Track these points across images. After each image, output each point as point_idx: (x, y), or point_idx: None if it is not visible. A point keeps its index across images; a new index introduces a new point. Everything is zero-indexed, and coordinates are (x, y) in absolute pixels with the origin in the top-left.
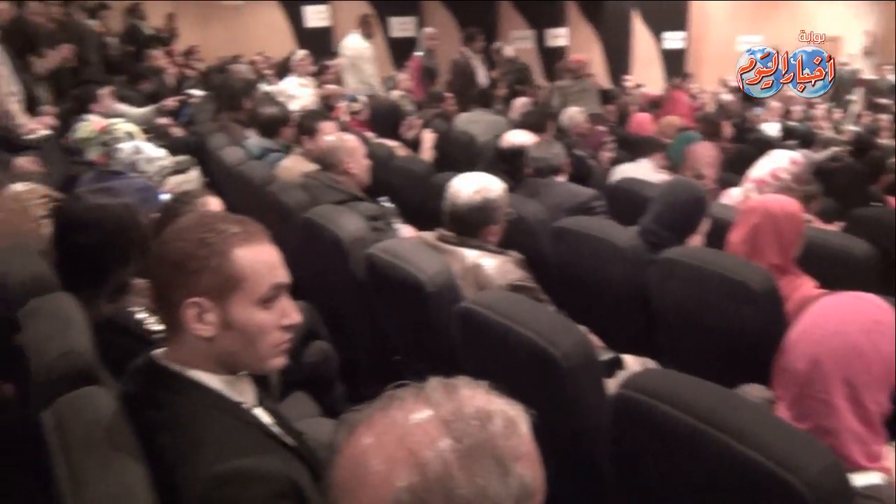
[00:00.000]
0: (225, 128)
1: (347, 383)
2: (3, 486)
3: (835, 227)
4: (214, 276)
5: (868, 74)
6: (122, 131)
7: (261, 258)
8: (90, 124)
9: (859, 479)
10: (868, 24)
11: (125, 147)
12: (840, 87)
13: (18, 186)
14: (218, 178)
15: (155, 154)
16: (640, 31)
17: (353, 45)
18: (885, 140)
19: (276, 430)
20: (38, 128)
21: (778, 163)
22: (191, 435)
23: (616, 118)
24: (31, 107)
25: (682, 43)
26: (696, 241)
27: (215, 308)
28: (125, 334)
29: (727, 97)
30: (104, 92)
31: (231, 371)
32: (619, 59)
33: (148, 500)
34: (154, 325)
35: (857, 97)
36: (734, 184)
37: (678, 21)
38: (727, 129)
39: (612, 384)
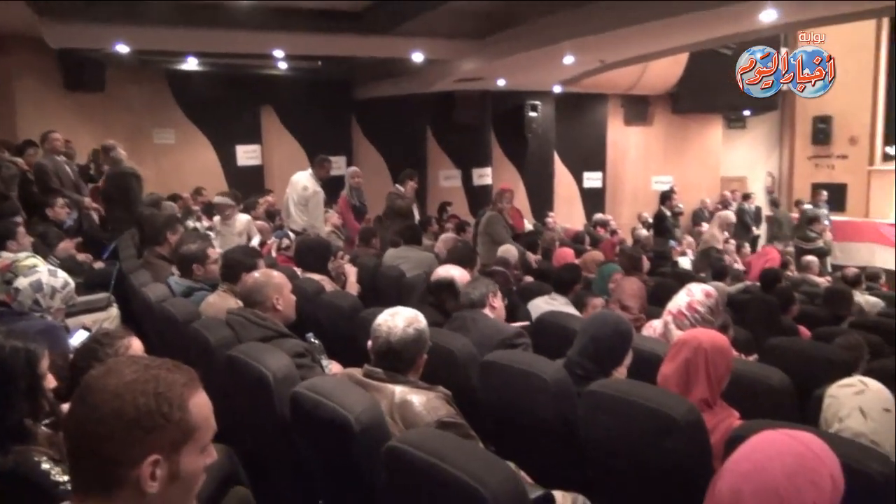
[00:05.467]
0: (149, 264)
1: None
2: None
3: (751, 358)
4: (176, 430)
5: (768, 211)
6: (26, 266)
7: (206, 405)
8: None
9: None
10: (769, 166)
11: (24, 286)
12: (746, 223)
13: None
14: (140, 315)
15: (58, 284)
16: (561, 172)
17: (307, 183)
18: (791, 273)
19: None
20: None
21: (694, 295)
22: None
23: (541, 252)
24: None
25: (599, 182)
26: (622, 373)
27: (166, 462)
28: (27, 486)
29: (644, 232)
30: (22, 229)
31: None
32: (542, 198)
33: None
34: (59, 475)
35: (761, 231)
36: (655, 316)
37: (596, 162)
38: (646, 263)
39: None
